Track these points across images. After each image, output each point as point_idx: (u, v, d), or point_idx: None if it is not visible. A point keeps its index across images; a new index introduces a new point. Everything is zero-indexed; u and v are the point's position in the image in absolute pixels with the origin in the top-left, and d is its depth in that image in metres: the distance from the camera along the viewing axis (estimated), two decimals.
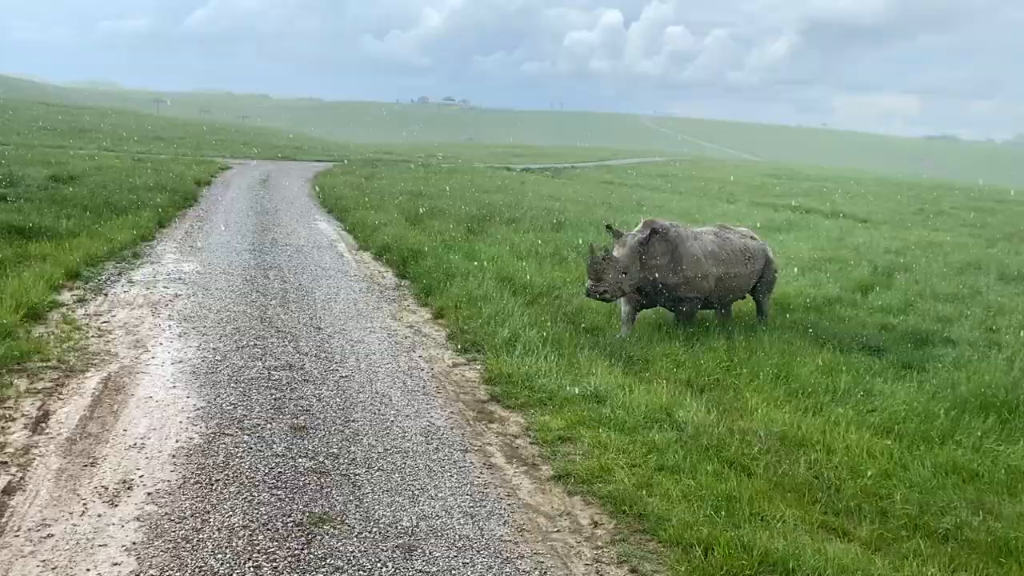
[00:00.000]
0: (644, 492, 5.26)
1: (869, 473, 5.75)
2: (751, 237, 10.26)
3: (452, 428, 6.32)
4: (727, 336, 9.05)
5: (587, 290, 8.93)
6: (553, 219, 18.69)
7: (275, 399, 6.64)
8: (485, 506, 5.08)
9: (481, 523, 4.86)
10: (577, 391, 7.02)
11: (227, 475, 5.21)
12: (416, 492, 5.18)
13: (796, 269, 14.10)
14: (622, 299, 9.60)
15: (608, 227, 9.59)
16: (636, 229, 9.28)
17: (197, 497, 4.89)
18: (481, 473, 5.55)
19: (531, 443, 6.15)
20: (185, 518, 4.64)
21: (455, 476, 5.47)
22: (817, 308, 11.10)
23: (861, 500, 5.44)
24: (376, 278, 12.01)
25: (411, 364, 7.91)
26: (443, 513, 4.94)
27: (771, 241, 17.92)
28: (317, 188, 25.12)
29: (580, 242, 15.40)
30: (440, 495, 5.17)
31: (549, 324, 8.95)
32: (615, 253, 8.99)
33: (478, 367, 7.90)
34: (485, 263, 12.22)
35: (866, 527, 5.12)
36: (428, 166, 41.07)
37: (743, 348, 8.61)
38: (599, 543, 4.75)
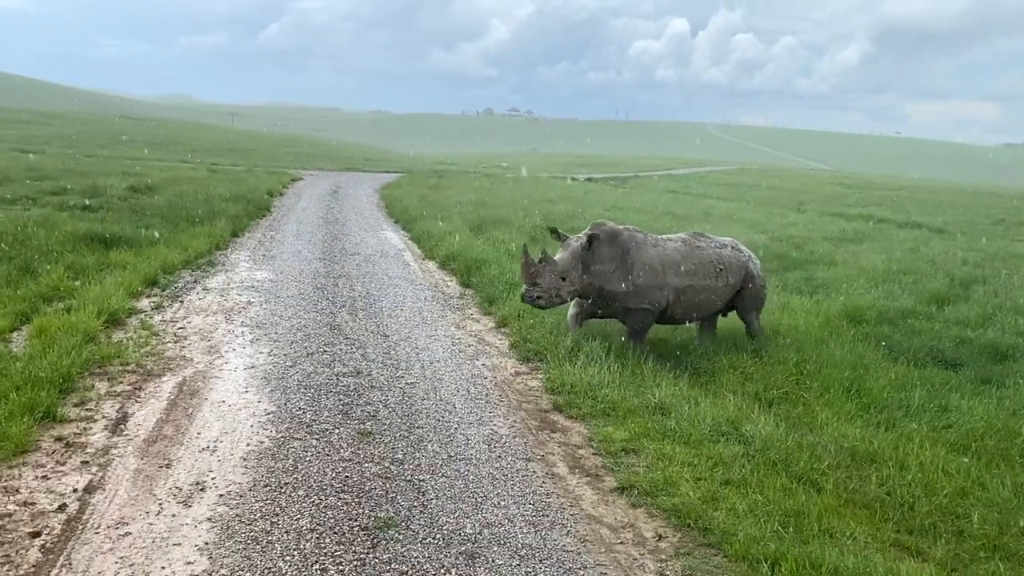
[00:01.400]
0: (709, 506, 5.20)
1: (945, 491, 5.57)
2: (732, 248, 9.39)
3: (515, 437, 6.33)
4: (797, 348, 8.87)
5: (522, 295, 8.53)
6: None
7: (343, 404, 6.77)
8: (548, 515, 5.08)
9: (544, 532, 4.86)
10: (641, 402, 6.97)
11: (296, 479, 5.33)
12: (479, 499, 5.21)
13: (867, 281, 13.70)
14: (579, 313, 9.13)
15: (552, 230, 9.12)
16: (583, 233, 8.77)
17: (267, 500, 5.02)
18: (544, 482, 5.56)
19: (594, 454, 6.13)
20: (255, 520, 4.76)
21: (518, 485, 5.48)
22: (890, 321, 10.79)
23: (936, 519, 5.28)
24: (441, 287, 12.13)
25: (474, 372, 7.97)
26: (506, 521, 4.96)
27: (842, 252, 17.60)
28: (384, 198, 25.52)
29: None
30: (503, 503, 5.19)
31: (613, 334, 8.91)
32: (556, 257, 8.53)
33: (541, 376, 7.91)
34: None
35: (941, 547, 4.96)
36: (492, 176, 41.37)
37: (813, 361, 8.43)
38: (663, 556, 4.71)
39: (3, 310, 8.43)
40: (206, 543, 4.48)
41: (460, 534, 4.76)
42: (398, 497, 5.16)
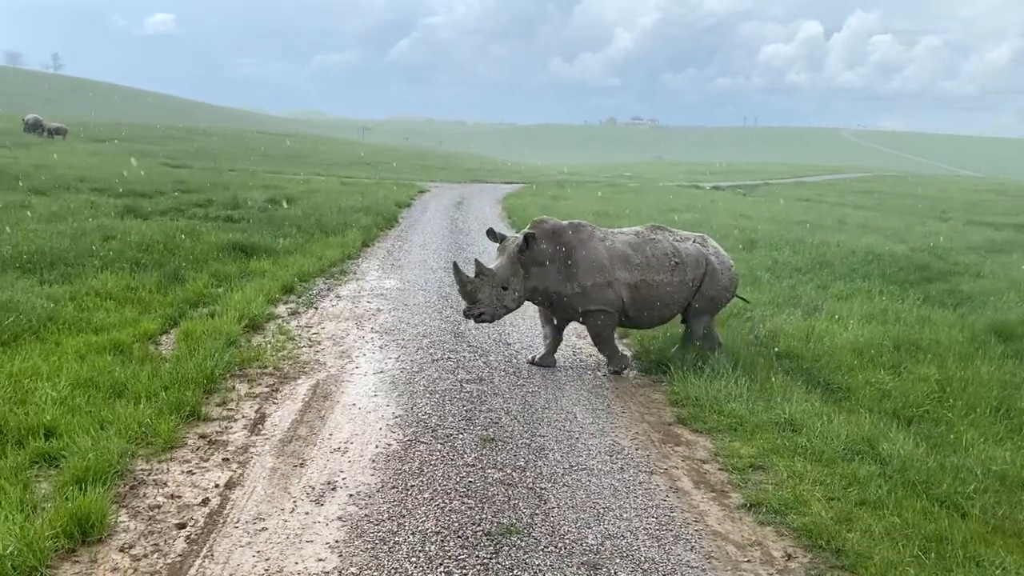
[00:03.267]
0: (843, 527, 4.98)
1: None
2: (695, 241, 8.58)
3: (637, 449, 6.26)
4: (939, 364, 8.38)
5: (464, 313, 8.14)
6: (745, 238, 18.14)
7: (466, 410, 6.88)
8: (671, 530, 4.99)
9: (667, 547, 4.78)
10: (770, 418, 6.75)
11: (421, 481, 5.45)
12: (601, 511, 5.18)
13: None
14: (540, 318, 8.68)
15: (488, 232, 8.58)
16: (524, 231, 8.16)
17: (394, 501, 5.15)
18: (667, 496, 5.46)
19: (720, 469, 5.99)
20: (383, 521, 4.90)
21: (640, 497, 5.41)
22: None
23: None
24: None
25: (596, 383, 7.93)
26: (628, 534, 4.90)
27: (990, 263, 16.51)
28: (506, 209, 25.80)
29: (772, 262, 14.85)
30: (625, 516, 5.14)
31: (740, 346, 8.67)
32: (493, 265, 8.09)
33: (663, 388, 7.79)
34: None
35: None
36: (614, 185, 41.14)
37: (957, 379, 7.94)
38: None
39: (154, 314, 9.04)
40: (336, 541, 4.65)
41: (582, 544, 4.74)
42: (520, 504, 5.20)
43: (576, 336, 9.67)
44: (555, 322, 8.48)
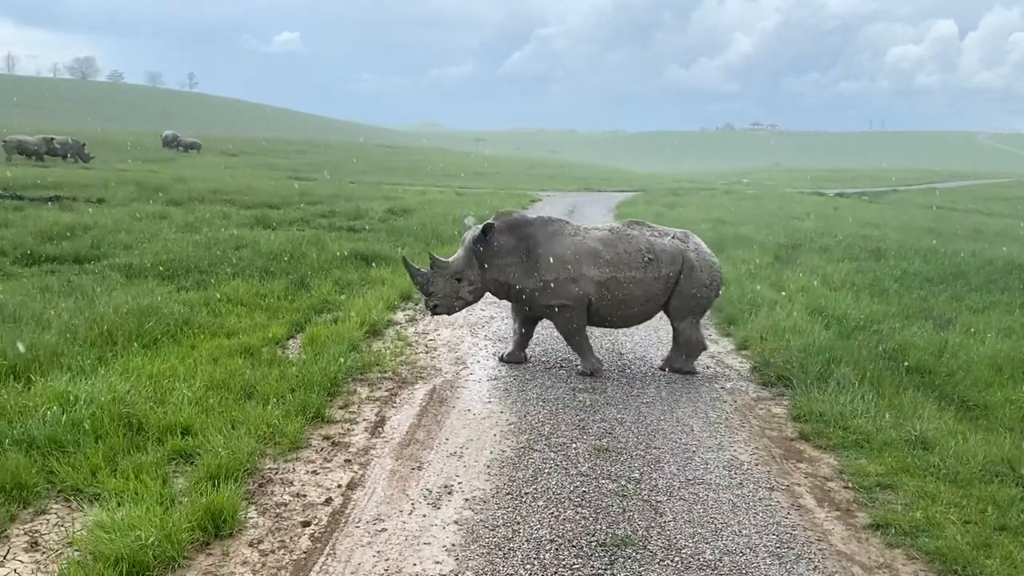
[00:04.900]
0: (980, 552, 4.69)
1: None
2: (674, 237, 8.28)
3: (757, 464, 6.09)
4: None
5: (424, 304, 8.25)
6: (872, 247, 17.38)
7: (579, 419, 6.86)
8: (793, 548, 4.82)
9: (789, 566, 4.62)
10: (899, 435, 6.44)
11: (536, 489, 5.47)
12: (719, 526, 5.06)
13: None
14: (512, 315, 8.52)
15: (464, 222, 8.47)
16: (487, 221, 8.14)
17: (508, 507, 5.19)
18: (789, 514, 5.29)
19: (845, 487, 5.75)
20: (498, 526, 4.94)
21: (760, 514, 5.26)
22: None
23: None
24: None
25: (713, 395, 7.76)
26: (747, 551, 4.77)
27: None
28: (619, 218, 25.63)
29: (900, 272, 14.17)
30: (744, 532, 5.00)
31: (867, 360, 8.31)
32: (453, 256, 8.04)
33: (785, 402, 7.55)
34: (794, 293, 11.67)
35: None
36: (732, 193, 40.22)
37: None
38: None
39: (281, 320, 9.44)
40: (453, 544, 4.72)
41: (699, 559, 4.64)
42: (635, 516, 5.14)
43: None
44: (523, 318, 8.45)
